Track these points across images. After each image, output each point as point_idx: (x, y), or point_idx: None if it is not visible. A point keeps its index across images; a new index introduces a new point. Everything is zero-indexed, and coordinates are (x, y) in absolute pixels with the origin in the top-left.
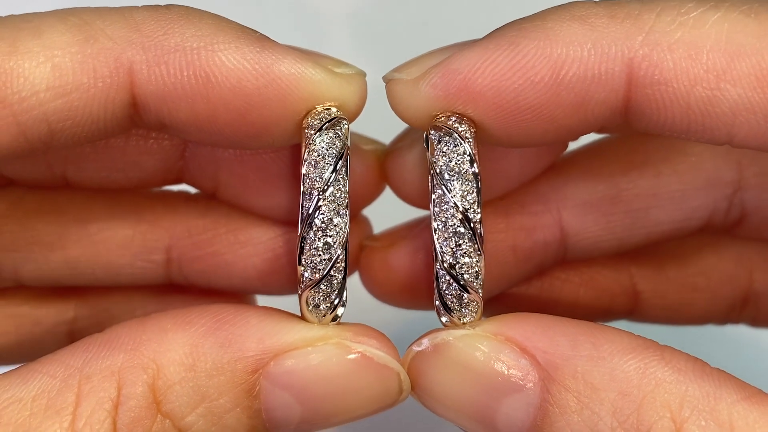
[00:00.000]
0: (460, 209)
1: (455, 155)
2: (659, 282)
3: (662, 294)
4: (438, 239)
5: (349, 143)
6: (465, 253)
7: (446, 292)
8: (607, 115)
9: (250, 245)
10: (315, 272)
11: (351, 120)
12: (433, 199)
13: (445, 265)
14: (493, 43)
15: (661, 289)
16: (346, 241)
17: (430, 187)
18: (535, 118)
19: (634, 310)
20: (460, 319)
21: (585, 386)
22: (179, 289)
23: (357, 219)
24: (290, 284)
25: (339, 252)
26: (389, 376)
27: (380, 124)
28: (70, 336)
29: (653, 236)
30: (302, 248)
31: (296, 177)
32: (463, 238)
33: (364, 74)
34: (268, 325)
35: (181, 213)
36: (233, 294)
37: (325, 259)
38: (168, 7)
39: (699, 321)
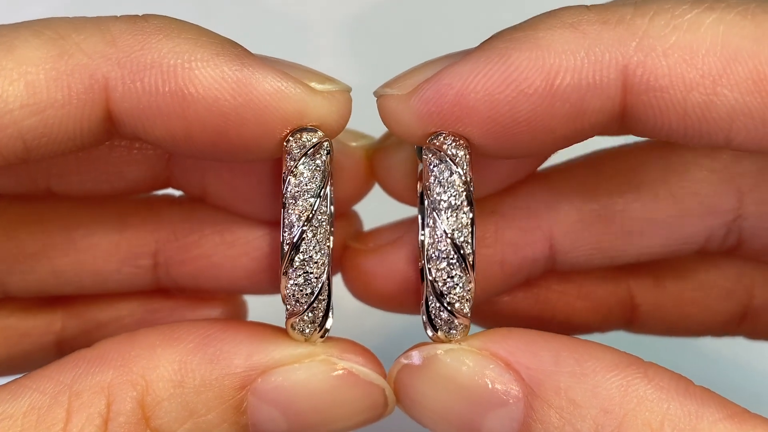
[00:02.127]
0: (455, 241)
1: (450, 185)
2: (657, 295)
3: (660, 307)
4: (430, 266)
5: (330, 168)
6: (456, 284)
7: (435, 314)
8: (603, 122)
9: (237, 245)
10: (298, 304)
11: (333, 137)
12: (428, 224)
13: (436, 292)
14: (485, 56)
15: (659, 302)
16: (329, 268)
17: (424, 211)
18: (530, 129)
19: (632, 322)
20: (446, 336)
21: (567, 402)
22: (167, 293)
23: (346, 215)
24: (279, 284)
25: (322, 282)
26: (374, 392)
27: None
28: (59, 346)
29: (645, 257)
30: (284, 280)
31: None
32: (455, 269)
33: (348, 90)
34: (256, 341)
35: (166, 216)
36: (222, 296)
37: (307, 294)
38: (147, 18)
39: (696, 333)
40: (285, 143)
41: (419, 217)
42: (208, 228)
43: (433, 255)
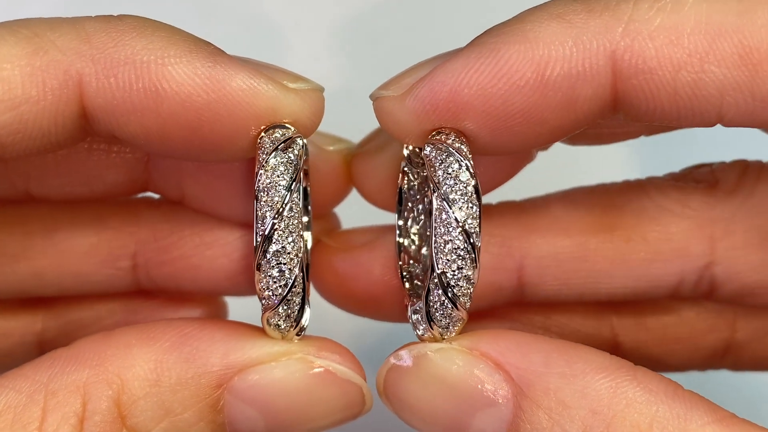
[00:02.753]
0: (465, 229)
1: (458, 177)
2: (640, 333)
3: (643, 344)
4: (438, 256)
5: (302, 163)
6: (464, 275)
7: (436, 307)
8: (596, 110)
9: (217, 246)
10: (272, 297)
11: (307, 135)
12: (435, 217)
13: (443, 282)
14: (475, 52)
15: (642, 339)
16: (303, 262)
17: (431, 206)
18: (525, 121)
19: None
20: (441, 334)
21: (556, 403)
22: (148, 295)
23: (325, 217)
24: None
25: (295, 275)
26: (352, 390)
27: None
28: (40, 347)
29: (615, 297)
30: (258, 274)
31: None
32: (464, 260)
33: (321, 89)
34: (233, 340)
35: (145, 218)
36: (203, 297)
37: (281, 285)
38: (121, 17)
39: (680, 369)
40: (258, 140)
41: (397, 219)
42: (187, 229)
43: (440, 244)
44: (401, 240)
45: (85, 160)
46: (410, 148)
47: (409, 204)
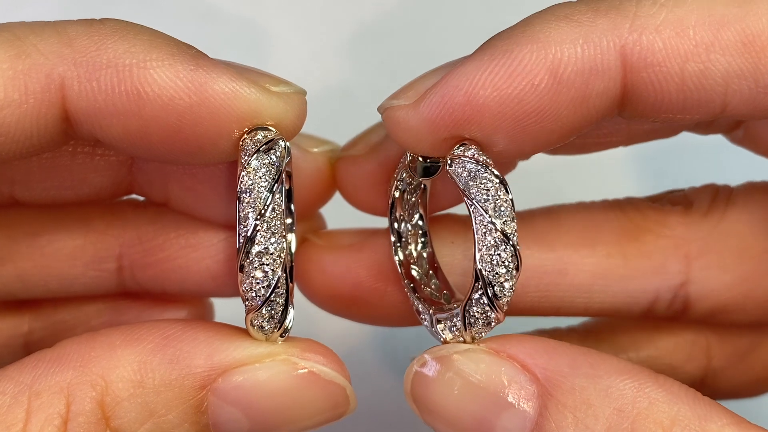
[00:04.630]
0: (506, 235)
1: (491, 187)
2: None
3: None
4: (482, 256)
5: (285, 165)
6: (507, 279)
7: (475, 311)
8: (606, 105)
9: (202, 248)
10: (255, 298)
11: (289, 138)
12: (476, 230)
13: (489, 293)
14: (488, 55)
15: None
16: (287, 260)
17: (471, 216)
18: (540, 120)
19: None
20: (472, 337)
21: (581, 402)
22: (134, 296)
23: (310, 217)
24: None
25: (278, 276)
26: (336, 392)
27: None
28: (26, 348)
29: (591, 312)
30: (241, 275)
31: None
32: (508, 266)
33: (303, 92)
34: (217, 341)
35: (130, 220)
36: (188, 299)
37: (264, 286)
38: (103, 21)
39: None
40: (241, 142)
41: (390, 225)
42: (172, 232)
43: (484, 254)
44: (400, 252)
45: (70, 164)
46: (410, 156)
47: (402, 212)
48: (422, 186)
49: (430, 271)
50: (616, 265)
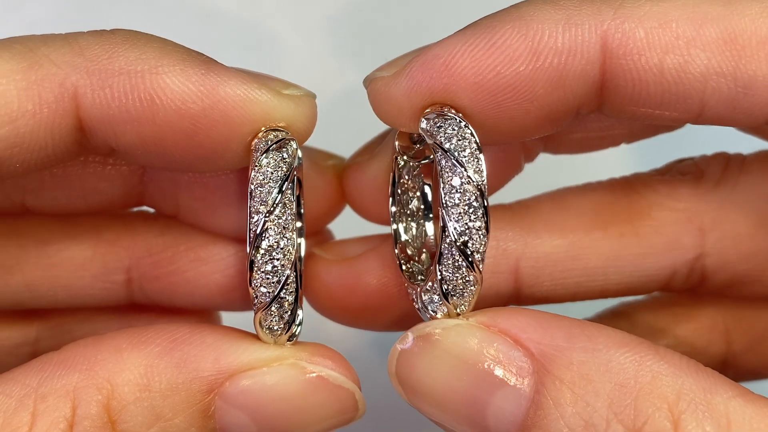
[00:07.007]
0: (475, 183)
1: (463, 136)
2: None
3: None
4: (450, 217)
5: (296, 164)
6: (478, 229)
7: (451, 272)
8: (584, 90)
9: (211, 262)
10: (265, 295)
11: (301, 141)
12: (443, 179)
13: (458, 242)
14: (470, 30)
15: None
16: (296, 261)
17: (436, 171)
18: (515, 96)
19: None
20: (456, 307)
21: (580, 378)
22: (142, 308)
23: (319, 233)
24: (251, 301)
25: (287, 273)
26: (345, 396)
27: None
28: (34, 357)
29: (608, 294)
30: (251, 271)
31: None
32: (477, 214)
33: (313, 96)
34: (224, 345)
35: (140, 232)
36: (196, 312)
37: (273, 282)
38: (113, 31)
39: None
40: (252, 144)
41: (393, 223)
42: (182, 244)
43: (450, 202)
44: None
45: (81, 173)
46: (400, 144)
47: (402, 204)
48: (416, 167)
49: (423, 250)
50: (630, 245)
